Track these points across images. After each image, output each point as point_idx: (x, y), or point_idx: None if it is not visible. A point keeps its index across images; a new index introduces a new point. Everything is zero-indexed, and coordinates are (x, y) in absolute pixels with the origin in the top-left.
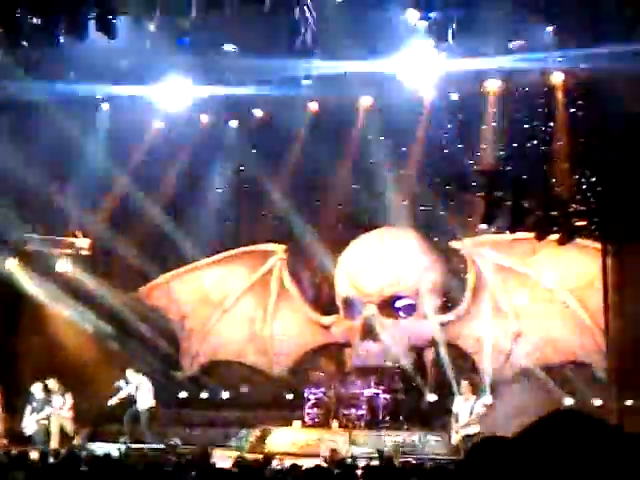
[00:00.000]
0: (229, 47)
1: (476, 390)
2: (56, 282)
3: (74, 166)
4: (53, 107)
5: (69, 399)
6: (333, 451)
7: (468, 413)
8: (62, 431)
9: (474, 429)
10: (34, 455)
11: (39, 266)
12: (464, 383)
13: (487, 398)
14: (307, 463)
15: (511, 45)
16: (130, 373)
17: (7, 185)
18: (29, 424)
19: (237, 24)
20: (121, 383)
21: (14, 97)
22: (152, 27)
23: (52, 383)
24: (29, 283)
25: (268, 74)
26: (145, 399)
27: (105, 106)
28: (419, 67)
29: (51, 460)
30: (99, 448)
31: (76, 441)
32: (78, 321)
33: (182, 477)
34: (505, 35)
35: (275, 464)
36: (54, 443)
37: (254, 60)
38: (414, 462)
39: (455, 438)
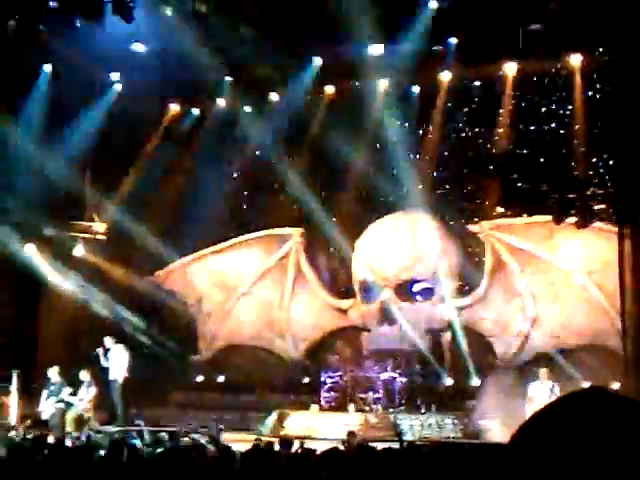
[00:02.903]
0: (245, 29)
1: (553, 377)
2: (74, 266)
3: (90, 150)
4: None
5: (92, 391)
6: (351, 434)
7: (546, 399)
8: (80, 419)
9: None
10: (51, 439)
11: (57, 251)
12: (542, 370)
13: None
14: (324, 446)
15: (528, 28)
16: (108, 341)
17: (25, 170)
18: (46, 408)
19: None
20: (99, 350)
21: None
22: (169, 10)
23: (83, 374)
24: (47, 268)
25: (284, 57)
26: (118, 370)
27: (119, 89)
28: (435, 50)
29: (68, 444)
30: (114, 431)
31: (89, 427)
32: (95, 305)
33: (200, 461)
34: (523, 18)
35: (293, 447)
36: (69, 428)
37: (270, 43)
38: (432, 445)
39: None
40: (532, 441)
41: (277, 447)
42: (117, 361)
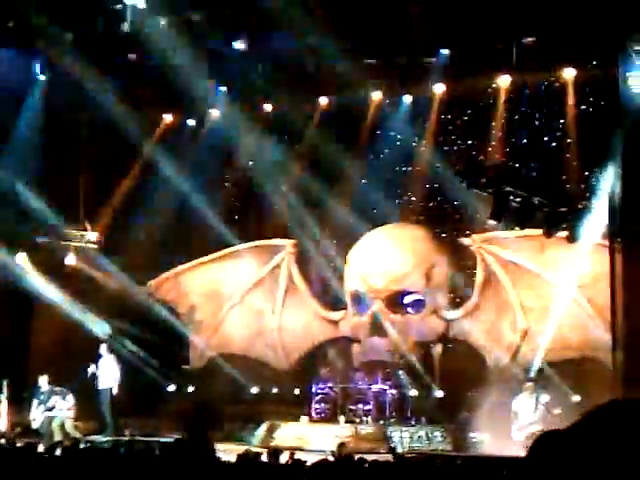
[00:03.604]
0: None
1: (538, 389)
2: (65, 275)
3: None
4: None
5: (70, 399)
6: (341, 445)
7: (532, 411)
8: (64, 429)
9: (537, 427)
10: (41, 448)
11: (48, 259)
12: (527, 384)
13: (545, 396)
14: (314, 457)
15: (522, 40)
16: (103, 349)
17: (18, 178)
18: (36, 417)
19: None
20: (91, 368)
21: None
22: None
23: (57, 388)
24: (38, 277)
25: (278, 67)
26: (108, 379)
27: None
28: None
29: (58, 453)
30: (103, 441)
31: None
32: (86, 315)
33: (187, 471)
34: (517, 30)
35: (282, 458)
36: (58, 438)
37: (264, 52)
38: (422, 458)
39: (517, 436)
40: (546, 456)
41: (265, 458)
42: (107, 370)
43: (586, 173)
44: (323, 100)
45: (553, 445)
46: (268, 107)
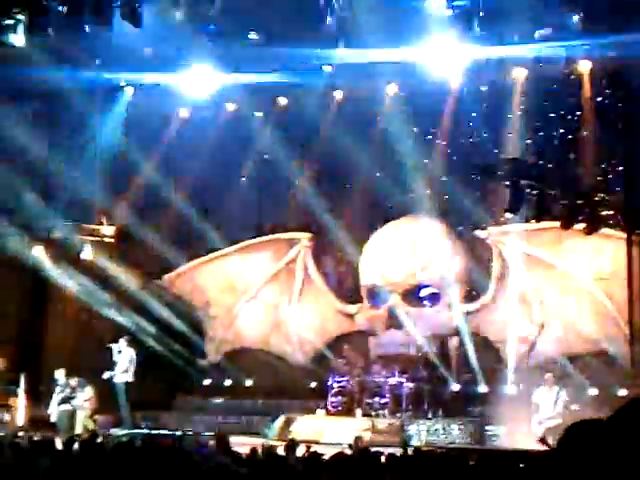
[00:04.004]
0: (253, 35)
1: (560, 383)
2: (81, 269)
3: (100, 152)
4: (80, 94)
5: (89, 392)
6: (357, 439)
7: (552, 405)
8: (82, 421)
9: (557, 421)
10: (59, 442)
11: (65, 253)
12: (548, 375)
13: (564, 391)
14: (331, 451)
15: (538, 33)
16: (122, 343)
17: (33, 172)
18: (54, 410)
19: (262, 12)
20: (114, 347)
21: (41, 84)
22: (178, 15)
23: (73, 380)
24: (55, 270)
25: (293, 62)
26: (124, 373)
27: (130, 92)
28: (445, 55)
29: (76, 447)
30: (120, 435)
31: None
32: (102, 308)
33: (205, 464)
34: (532, 23)
35: (298, 452)
36: (78, 430)
37: (279, 48)
38: (439, 451)
39: (537, 429)
40: (574, 451)
41: (281, 451)
42: (125, 364)
43: (603, 165)
44: (338, 93)
45: (583, 436)
46: (284, 100)
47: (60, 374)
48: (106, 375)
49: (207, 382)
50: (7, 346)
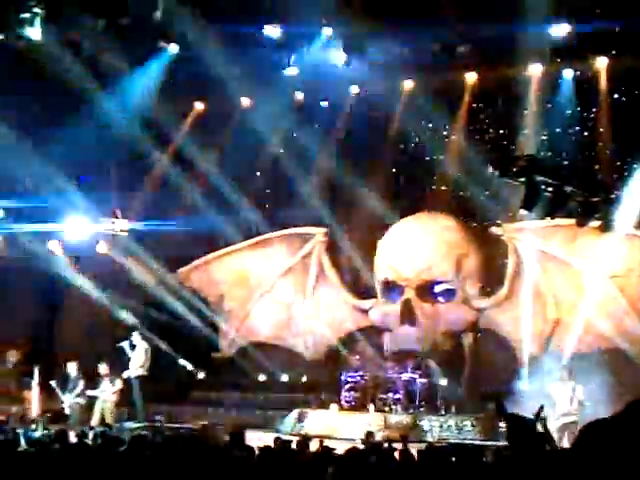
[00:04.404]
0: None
1: (573, 378)
2: (96, 263)
3: (114, 146)
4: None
5: (118, 384)
6: (369, 434)
7: (568, 400)
8: (103, 413)
9: (573, 418)
10: (72, 434)
11: (79, 247)
12: (564, 370)
13: (580, 389)
14: (344, 446)
15: (555, 28)
16: (136, 336)
17: (49, 166)
18: (67, 403)
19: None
20: (125, 344)
21: (57, 79)
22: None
23: (102, 368)
24: (69, 265)
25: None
26: (137, 367)
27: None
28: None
29: (89, 439)
30: (134, 427)
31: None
32: (116, 303)
33: (221, 457)
34: (548, 18)
35: (312, 446)
36: (94, 422)
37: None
38: (451, 447)
39: (552, 425)
40: (592, 446)
41: (294, 445)
42: (139, 358)
43: (619, 163)
44: (354, 88)
45: (599, 434)
46: (300, 95)
47: (72, 367)
48: (125, 375)
49: (221, 377)
50: (21, 339)
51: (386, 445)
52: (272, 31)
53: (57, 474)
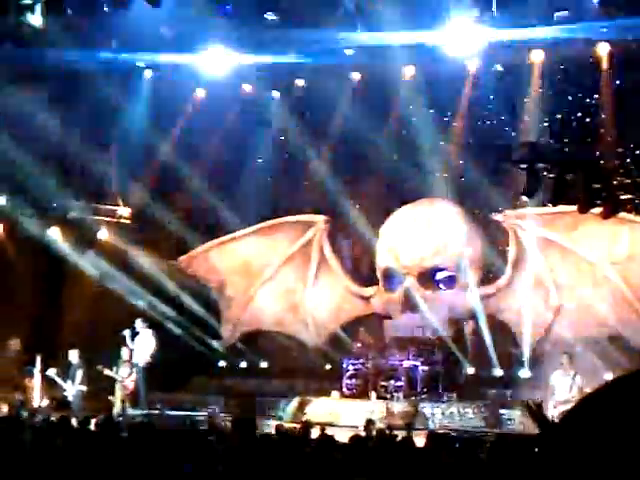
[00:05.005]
0: (271, 16)
1: (575, 367)
2: (98, 250)
3: (117, 134)
4: (97, 75)
5: (135, 372)
6: (370, 422)
7: (568, 388)
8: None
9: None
10: (74, 421)
11: (81, 234)
12: (564, 357)
13: (579, 377)
14: (345, 433)
15: (556, 15)
16: (139, 323)
17: (50, 153)
18: (70, 391)
19: None
20: (127, 332)
21: (58, 65)
22: None
23: (124, 353)
24: (71, 252)
25: (311, 44)
26: (143, 355)
27: (148, 74)
28: (463, 38)
29: (92, 426)
30: (137, 415)
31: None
32: (119, 290)
33: (222, 444)
34: (550, 5)
35: (313, 433)
36: (116, 410)
37: (296, 29)
38: (453, 434)
39: (552, 412)
40: (581, 425)
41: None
42: (143, 345)
43: (621, 149)
44: (356, 75)
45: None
46: (300, 81)
47: (74, 355)
48: (134, 362)
49: (222, 364)
50: (23, 327)
51: (387, 432)
52: None
53: (59, 461)
